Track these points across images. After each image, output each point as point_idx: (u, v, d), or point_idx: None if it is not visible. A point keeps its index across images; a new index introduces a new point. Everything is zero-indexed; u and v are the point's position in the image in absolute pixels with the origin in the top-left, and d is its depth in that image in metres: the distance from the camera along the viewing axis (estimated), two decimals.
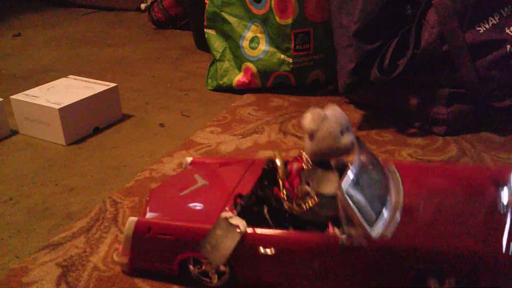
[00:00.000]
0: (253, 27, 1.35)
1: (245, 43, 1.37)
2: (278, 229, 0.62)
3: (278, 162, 0.68)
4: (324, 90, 1.30)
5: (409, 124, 1.14)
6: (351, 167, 0.61)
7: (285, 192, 0.66)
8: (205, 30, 1.46)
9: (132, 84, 1.51)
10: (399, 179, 0.67)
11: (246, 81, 1.38)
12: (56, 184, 0.97)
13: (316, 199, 0.61)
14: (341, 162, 0.68)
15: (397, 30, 1.07)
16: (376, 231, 0.58)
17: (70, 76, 1.30)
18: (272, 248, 0.61)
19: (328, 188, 0.62)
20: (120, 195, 0.92)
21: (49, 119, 1.11)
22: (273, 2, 1.27)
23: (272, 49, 1.33)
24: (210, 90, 1.44)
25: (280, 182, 0.67)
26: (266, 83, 1.38)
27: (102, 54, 1.83)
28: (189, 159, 0.86)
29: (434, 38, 1.03)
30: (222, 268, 0.65)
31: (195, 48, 1.84)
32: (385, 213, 0.61)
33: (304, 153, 0.68)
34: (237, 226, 0.62)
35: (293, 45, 1.29)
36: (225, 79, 1.41)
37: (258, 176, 0.71)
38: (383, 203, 0.62)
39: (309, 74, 1.35)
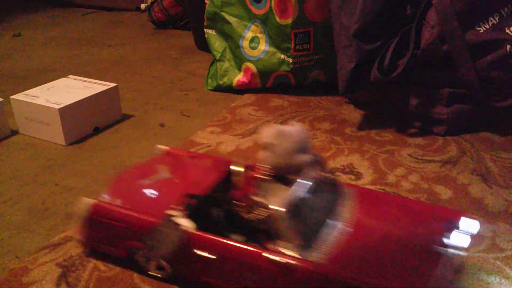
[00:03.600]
0: (253, 27, 1.35)
1: (245, 43, 1.37)
2: (220, 236, 0.62)
3: (238, 168, 0.70)
4: None
5: (409, 124, 1.14)
6: (294, 188, 0.62)
7: (239, 199, 0.67)
8: (205, 30, 1.46)
9: (132, 84, 1.51)
10: (352, 204, 0.67)
11: (246, 81, 1.38)
12: (56, 184, 0.97)
13: (262, 210, 0.62)
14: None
15: (397, 30, 1.07)
16: (310, 253, 0.58)
17: (70, 76, 1.30)
18: (211, 253, 0.62)
19: (273, 201, 0.61)
20: None
21: (49, 119, 1.11)
22: (273, 2, 1.27)
23: (272, 49, 1.33)
24: (210, 90, 1.44)
25: (236, 189, 0.69)
26: (266, 83, 1.38)
27: (102, 54, 1.83)
28: (162, 147, 0.87)
29: (434, 38, 1.03)
30: (163, 263, 0.67)
31: (195, 48, 1.85)
32: (322, 235, 0.61)
33: (261, 165, 0.69)
34: (181, 225, 0.63)
35: (293, 45, 1.29)
36: (225, 79, 1.41)
37: (220, 178, 0.72)
38: (321, 225, 0.62)
39: (309, 74, 1.35)
